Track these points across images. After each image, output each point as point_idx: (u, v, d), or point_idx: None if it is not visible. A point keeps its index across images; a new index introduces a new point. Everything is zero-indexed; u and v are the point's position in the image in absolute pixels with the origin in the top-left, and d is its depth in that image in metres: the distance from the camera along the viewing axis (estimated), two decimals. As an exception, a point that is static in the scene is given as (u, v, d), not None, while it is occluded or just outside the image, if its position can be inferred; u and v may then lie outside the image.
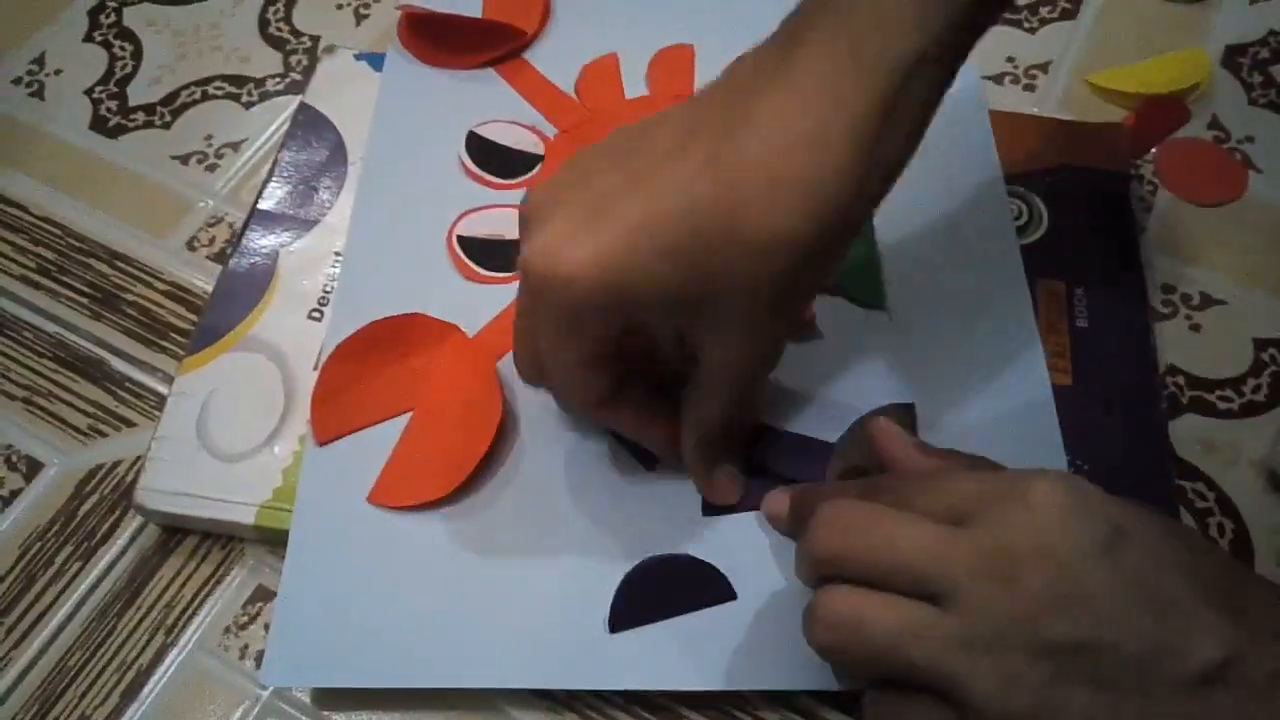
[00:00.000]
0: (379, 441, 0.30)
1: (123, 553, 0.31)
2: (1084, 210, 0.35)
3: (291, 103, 0.39)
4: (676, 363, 0.27)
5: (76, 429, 0.33)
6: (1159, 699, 0.20)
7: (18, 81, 0.41)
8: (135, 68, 0.41)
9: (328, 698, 0.28)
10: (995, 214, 0.35)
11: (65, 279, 0.36)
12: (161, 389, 0.33)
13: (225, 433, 0.31)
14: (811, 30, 0.23)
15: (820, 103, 0.22)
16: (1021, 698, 0.20)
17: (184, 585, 0.30)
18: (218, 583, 0.30)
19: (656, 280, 0.23)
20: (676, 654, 0.27)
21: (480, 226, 0.35)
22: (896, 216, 0.34)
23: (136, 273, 0.36)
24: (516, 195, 0.36)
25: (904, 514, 0.22)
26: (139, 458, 0.31)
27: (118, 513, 0.31)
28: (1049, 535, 0.20)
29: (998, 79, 0.40)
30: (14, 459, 0.32)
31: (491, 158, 0.36)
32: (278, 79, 0.41)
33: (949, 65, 0.24)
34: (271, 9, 0.43)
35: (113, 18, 0.42)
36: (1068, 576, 0.20)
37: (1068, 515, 0.21)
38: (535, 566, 0.28)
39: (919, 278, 0.33)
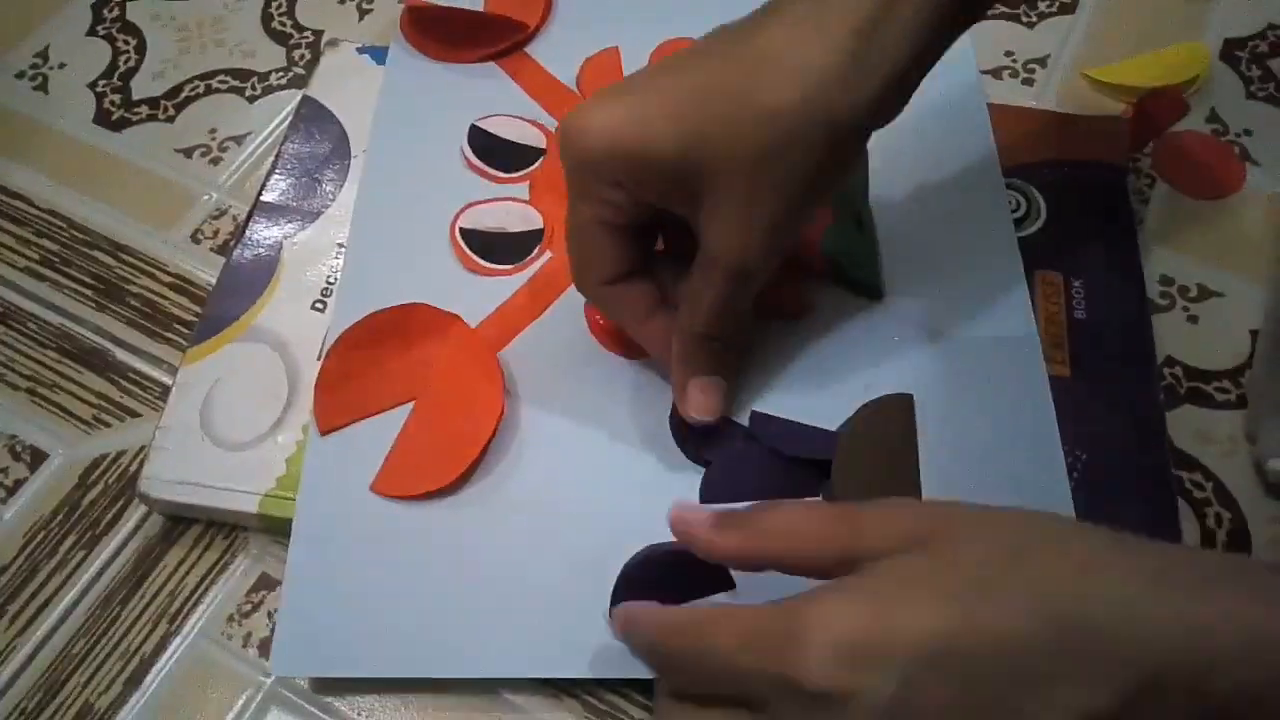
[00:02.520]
0: (381, 431, 0.30)
1: (126, 541, 0.31)
2: (1082, 203, 0.35)
3: (294, 96, 0.39)
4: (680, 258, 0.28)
5: (81, 419, 0.33)
6: None
7: (21, 75, 0.41)
8: (139, 61, 0.41)
9: (327, 684, 0.28)
10: (993, 206, 0.35)
11: (69, 271, 0.36)
12: (165, 379, 0.34)
13: (229, 422, 0.31)
14: None
15: (825, 4, 0.25)
16: None
17: (187, 574, 0.30)
18: (221, 571, 0.30)
19: (659, 139, 0.25)
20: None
21: (482, 219, 0.35)
22: (895, 207, 0.35)
23: (140, 264, 0.36)
24: (518, 188, 0.36)
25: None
26: (143, 447, 0.32)
27: (121, 502, 0.31)
28: None
29: (996, 73, 0.40)
30: (18, 449, 0.33)
31: (493, 151, 0.36)
32: (281, 73, 0.41)
33: None
34: (274, 4, 0.43)
35: (116, 12, 0.43)
36: None
37: (853, 698, 0.19)
38: (536, 556, 0.29)
39: (917, 269, 0.33)
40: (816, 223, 0.33)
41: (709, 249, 0.26)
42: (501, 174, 0.36)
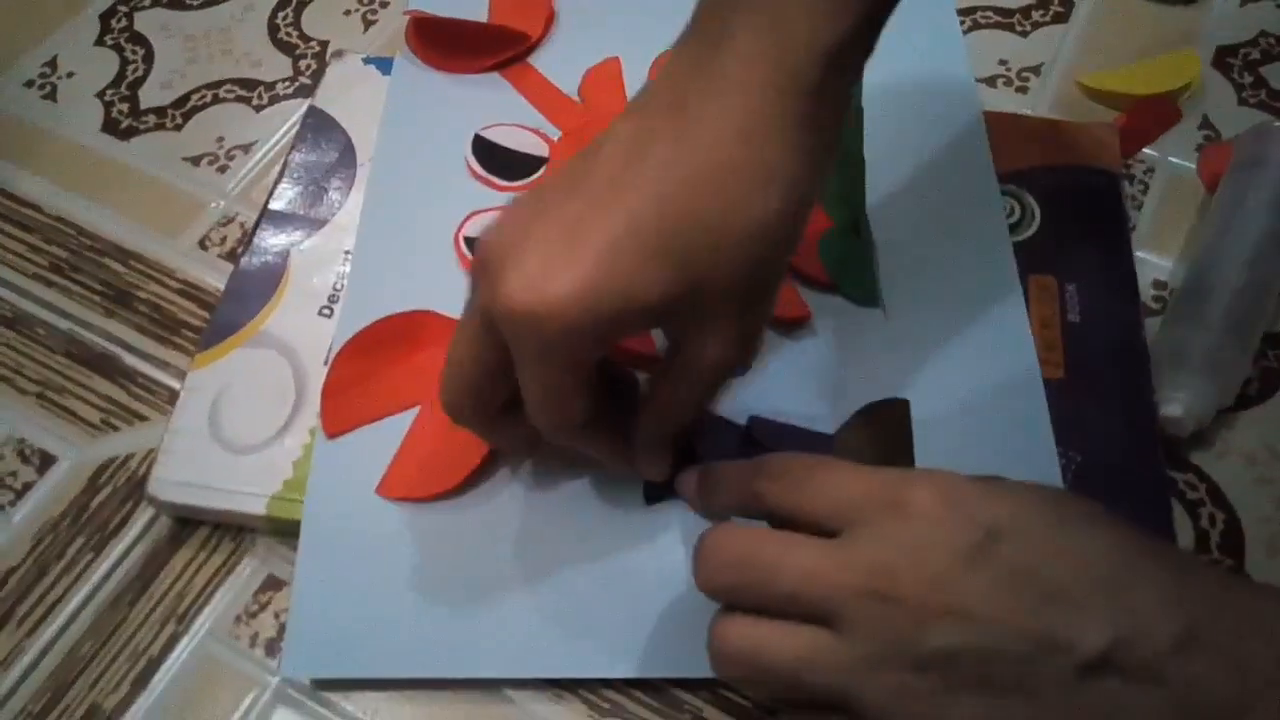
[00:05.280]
0: (387, 435, 0.31)
1: (135, 543, 0.31)
2: (1076, 208, 0.36)
3: (301, 106, 0.40)
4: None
5: (89, 423, 0.33)
6: (1047, 695, 0.20)
7: (30, 84, 0.41)
8: (147, 71, 0.42)
9: (333, 683, 0.28)
10: (988, 211, 0.35)
11: (78, 277, 0.37)
12: (174, 384, 0.34)
13: (237, 426, 0.31)
14: (738, 20, 0.24)
15: (761, 93, 0.23)
16: (912, 710, 0.21)
17: (195, 575, 0.31)
18: (229, 572, 0.31)
19: (645, 291, 0.23)
20: (676, 643, 0.28)
21: (486, 226, 0.35)
22: (891, 214, 0.35)
23: (149, 271, 0.37)
24: (521, 195, 0.36)
25: (784, 536, 0.23)
26: (151, 451, 0.32)
27: (130, 504, 0.32)
28: (922, 547, 0.21)
29: (990, 81, 0.41)
30: (27, 452, 0.33)
31: (497, 160, 0.37)
32: (287, 83, 0.41)
33: (869, 40, 0.25)
34: (281, 14, 0.43)
35: (124, 22, 0.43)
36: (940, 586, 0.21)
37: (939, 524, 0.21)
38: (540, 557, 0.29)
39: (913, 275, 0.34)
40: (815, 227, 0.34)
41: (696, 358, 0.25)
42: (505, 183, 0.37)
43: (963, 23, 0.42)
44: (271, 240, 0.35)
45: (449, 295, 0.33)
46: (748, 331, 0.25)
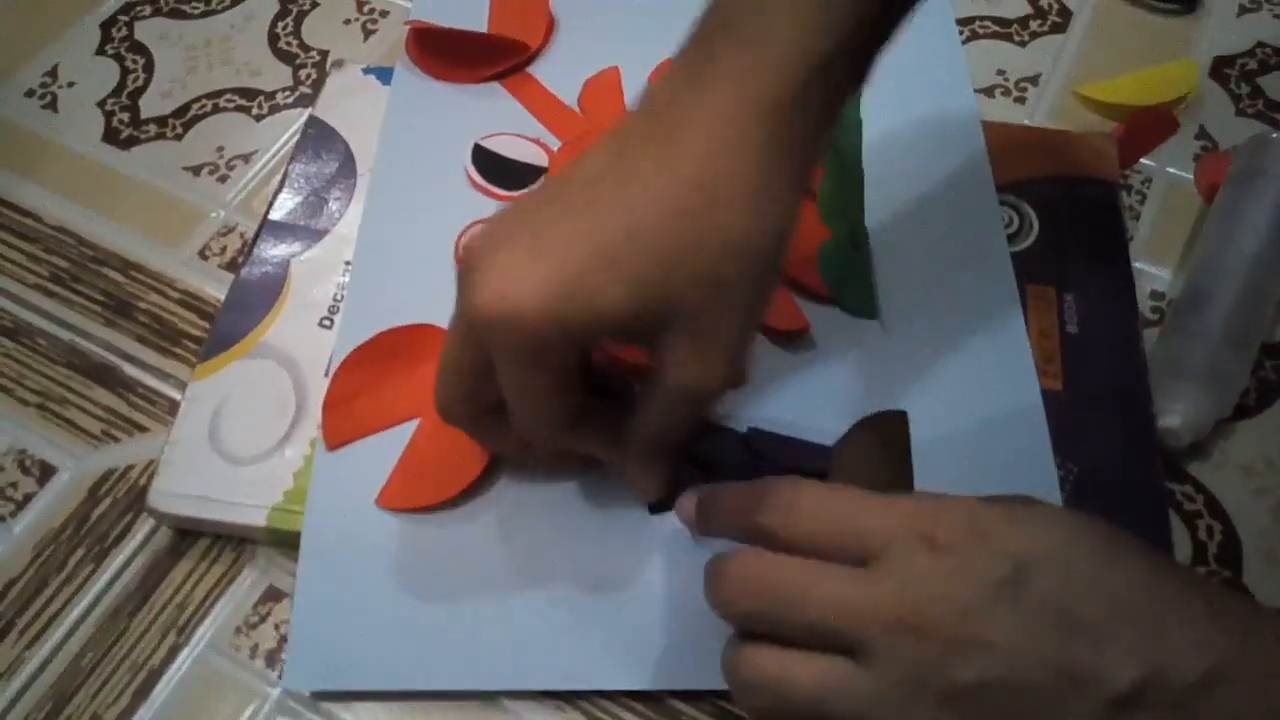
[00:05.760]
0: (388, 446, 0.31)
1: (135, 555, 0.31)
2: (1074, 218, 0.36)
3: (301, 115, 0.40)
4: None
5: (90, 434, 0.33)
6: None
7: (31, 94, 0.42)
8: (147, 80, 0.42)
9: (332, 693, 0.29)
10: (987, 222, 0.35)
11: (79, 287, 0.37)
12: (174, 394, 0.34)
13: (237, 437, 0.31)
14: (723, 37, 0.24)
15: (739, 113, 0.23)
16: None
17: (195, 586, 0.31)
18: (229, 584, 0.31)
19: (609, 305, 0.23)
20: (676, 656, 0.28)
21: (485, 236, 0.35)
22: (890, 224, 0.35)
23: (149, 281, 0.37)
24: (521, 205, 0.36)
25: (810, 564, 0.22)
26: (152, 462, 0.32)
27: (130, 515, 0.32)
28: (951, 579, 0.21)
29: (989, 91, 0.41)
30: (27, 463, 0.33)
31: (497, 170, 0.37)
32: (287, 92, 0.41)
33: (860, 62, 0.25)
34: (281, 24, 0.44)
35: (124, 31, 0.43)
36: (969, 620, 0.20)
37: (969, 556, 0.21)
38: (540, 569, 0.29)
39: (911, 285, 0.34)
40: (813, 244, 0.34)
41: (672, 378, 0.25)
42: (505, 192, 0.37)
43: (961, 33, 0.42)
44: (272, 250, 0.35)
45: (449, 306, 0.33)
46: (721, 356, 0.25)
